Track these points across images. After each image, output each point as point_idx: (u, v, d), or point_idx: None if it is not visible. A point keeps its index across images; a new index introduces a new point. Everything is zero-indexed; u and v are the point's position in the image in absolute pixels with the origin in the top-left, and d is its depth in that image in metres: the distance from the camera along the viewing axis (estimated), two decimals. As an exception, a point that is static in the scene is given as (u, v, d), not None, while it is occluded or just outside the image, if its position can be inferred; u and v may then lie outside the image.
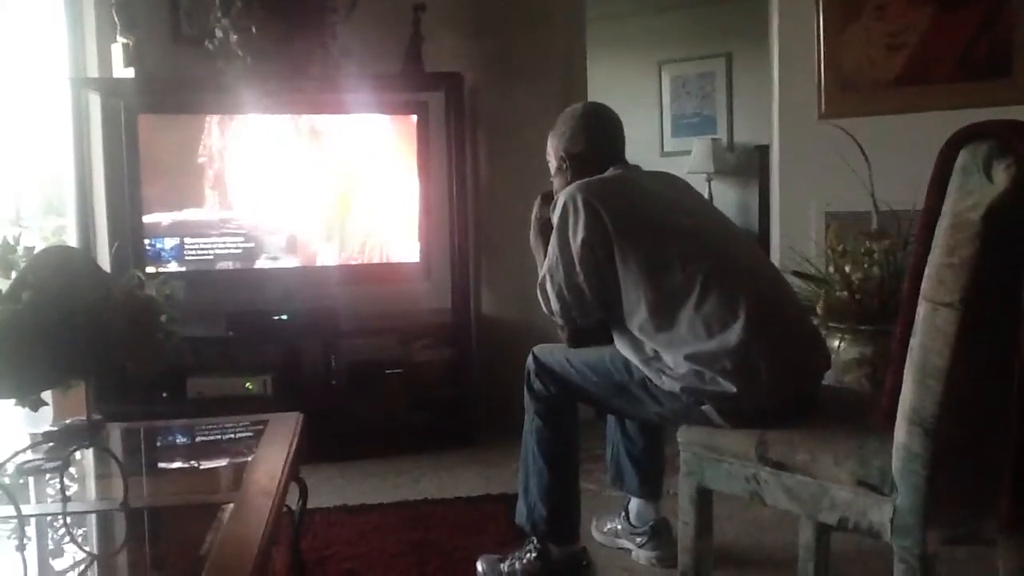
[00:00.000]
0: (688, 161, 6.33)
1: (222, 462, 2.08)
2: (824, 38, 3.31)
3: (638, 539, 2.42)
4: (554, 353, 2.22)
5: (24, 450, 1.73)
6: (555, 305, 2.09)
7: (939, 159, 1.46)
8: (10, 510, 1.43)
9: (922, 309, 1.45)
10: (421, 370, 3.56)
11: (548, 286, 2.09)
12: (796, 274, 2.78)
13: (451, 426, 3.50)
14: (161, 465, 2.07)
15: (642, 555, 2.40)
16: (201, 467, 2.05)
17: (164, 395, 3.29)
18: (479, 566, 2.31)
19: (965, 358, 1.42)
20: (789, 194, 3.47)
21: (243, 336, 3.42)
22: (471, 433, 3.50)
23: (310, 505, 2.18)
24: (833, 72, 3.31)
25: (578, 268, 2.02)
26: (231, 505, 1.53)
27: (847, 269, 2.72)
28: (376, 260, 3.61)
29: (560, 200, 2.08)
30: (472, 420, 3.53)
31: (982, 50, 3.06)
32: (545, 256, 2.15)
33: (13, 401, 1.44)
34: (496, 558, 2.30)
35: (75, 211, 3.38)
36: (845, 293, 2.70)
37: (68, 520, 1.57)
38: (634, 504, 2.46)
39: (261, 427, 2.04)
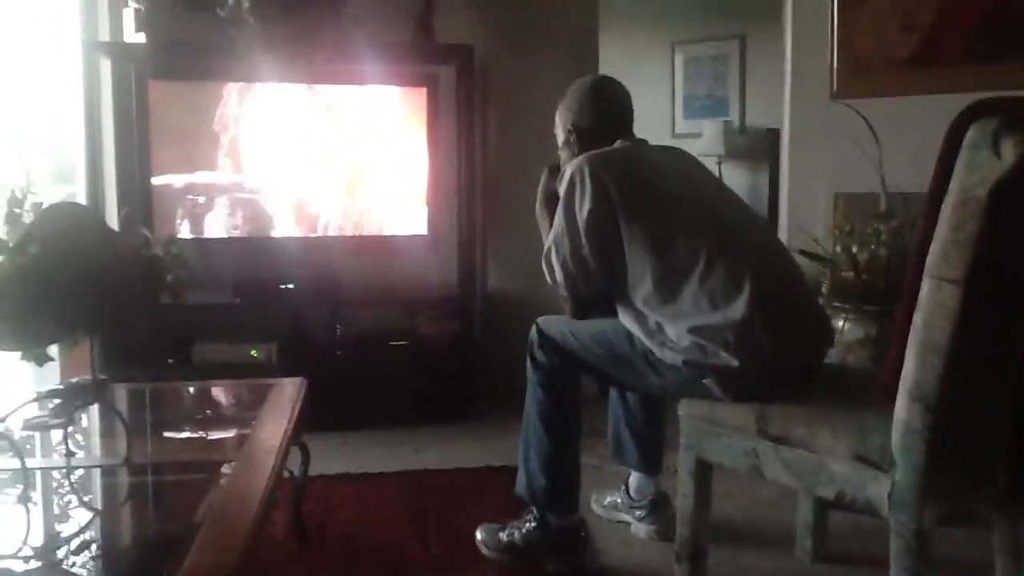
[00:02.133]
0: (699, 143, 6.30)
1: (226, 423, 2.10)
2: (838, 18, 3.28)
3: (637, 512, 2.43)
4: (558, 324, 2.22)
5: (28, 403, 1.74)
6: (560, 276, 2.09)
7: (947, 136, 1.45)
8: (15, 463, 1.44)
9: (926, 285, 1.45)
10: (426, 342, 3.58)
11: (553, 257, 2.09)
12: (802, 253, 2.77)
13: (454, 398, 3.52)
14: (165, 424, 2.09)
15: (641, 528, 2.42)
16: (204, 427, 2.06)
17: (170, 360, 3.32)
18: (478, 535, 2.32)
19: (968, 334, 1.42)
20: (799, 174, 3.45)
21: (249, 304, 3.44)
22: (473, 405, 3.52)
23: (312, 472, 2.20)
24: (846, 52, 3.27)
25: (583, 240, 2.01)
26: (233, 464, 1.54)
27: (854, 249, 2.71)
28: (383, 231, 3.62)
29: (567, 172, 2.08)
30: (475, 392, 3.54)
31: (996, 31, 3.02)
32: (551, 228, 2.15)
33: (19, 354, 1.45)
34: (495, 527, 2.31)
35: (84, 177, 3.39)
36: (851, 273, 2.69)
37: (72, 475, 1.58)
38: (634, 478, 2.47)
39: (265, 390, 2.05)
